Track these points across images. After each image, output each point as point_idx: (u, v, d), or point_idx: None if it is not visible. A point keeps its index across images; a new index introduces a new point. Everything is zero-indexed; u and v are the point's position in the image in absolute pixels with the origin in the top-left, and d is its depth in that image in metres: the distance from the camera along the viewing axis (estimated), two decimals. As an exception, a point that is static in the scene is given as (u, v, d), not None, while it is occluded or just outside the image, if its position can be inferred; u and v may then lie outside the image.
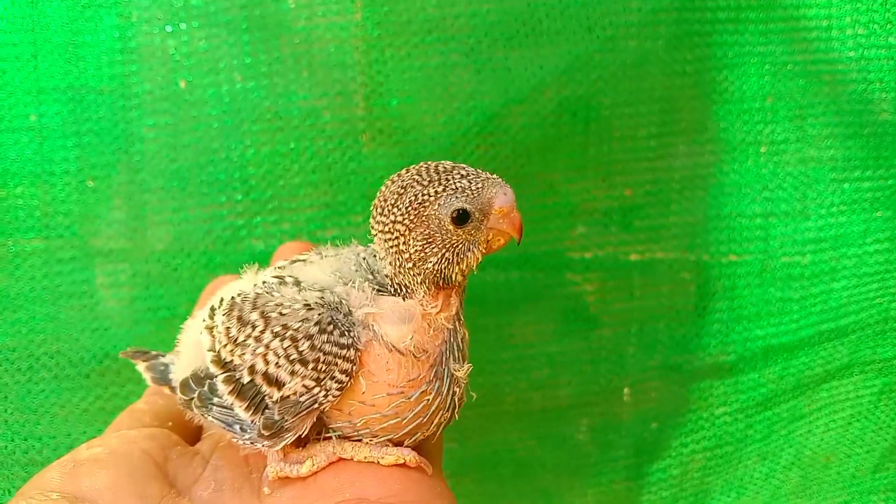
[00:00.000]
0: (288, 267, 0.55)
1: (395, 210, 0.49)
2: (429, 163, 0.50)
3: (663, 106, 0.81)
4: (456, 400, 0.52)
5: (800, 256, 0.86)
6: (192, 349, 0.55)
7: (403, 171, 0.50)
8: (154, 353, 0.59)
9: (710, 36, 0.81)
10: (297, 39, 0.76)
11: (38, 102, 0.75)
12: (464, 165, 0.50)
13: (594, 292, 0.86)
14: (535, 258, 0.84)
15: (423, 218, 0.48)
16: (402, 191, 0.49)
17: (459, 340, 0.52)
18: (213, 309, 0.53)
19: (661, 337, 0.88)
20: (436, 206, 0.48)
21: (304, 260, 0.55)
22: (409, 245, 0.49)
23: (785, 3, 0.80)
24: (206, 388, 0.51)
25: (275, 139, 0.78)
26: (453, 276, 0.50)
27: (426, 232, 0.48)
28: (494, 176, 0.49)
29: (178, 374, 0.55)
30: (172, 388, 0.55)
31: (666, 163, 0.83)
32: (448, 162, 0.50)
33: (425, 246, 0.48)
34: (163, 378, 0.56)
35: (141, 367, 0.58)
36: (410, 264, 0.49)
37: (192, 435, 0.57)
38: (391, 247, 0.50)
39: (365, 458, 0.50)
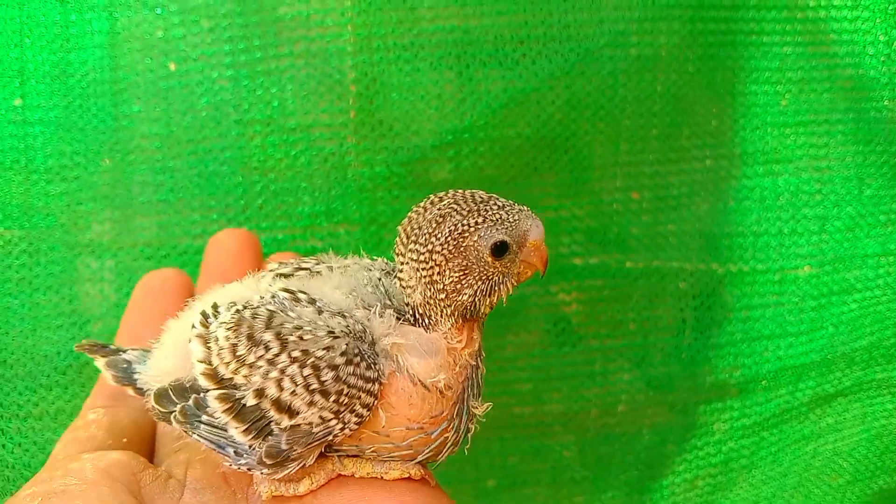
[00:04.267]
0: (295, 278, 0.52)
1: (432, 239, 0.48)
2: (463, 191, 0.50)
3: (674, 106, 0.79)
4: (468, 435, 0.51)
5: (815, 270, 0.84)
6: (171, 353, 0.52)
7: (435, 198, 0.49)
8: (113, 347, 0.56)
9: (725, 35, 0.79)
10: (292, 37, 0.74)
11: (22, 87, 0.73)
12: (497, 196, 0.49)
13: (585, 302, 0.83)
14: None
15: (462, 249, 0.47)
16: (441, 219, 0.48)
17: (479, 377, 0.51)
18: (205, 315, 0.50)
19: (663, 351, 0.86)
20: (475, 238, 0.47)
21: (308, 269, 0.53)
22: (445, 276, 0.48)
23: (807, 4, 0.78)
24: (191, 403, 0.48)
25: (265, 139, 0.76)
26: (482, 309, 0.49)
27: (464, 263, 0.48)
28: (526, 208, 0.49)
29: (149, 376, 0.52)
30: (138, 390, 0.52)
31: (675, 167, 0.81)
32: (482, 191, 0.50)
33: (462, 278, 0.48)
34: (126, 378, 0.53)
35: (100, 363, 0.54)
36: (443, 295, 0.48)
37: (148, 450, 0.55)
38: (424, 276, 0.48)
39: (367, 473, 0.49)
